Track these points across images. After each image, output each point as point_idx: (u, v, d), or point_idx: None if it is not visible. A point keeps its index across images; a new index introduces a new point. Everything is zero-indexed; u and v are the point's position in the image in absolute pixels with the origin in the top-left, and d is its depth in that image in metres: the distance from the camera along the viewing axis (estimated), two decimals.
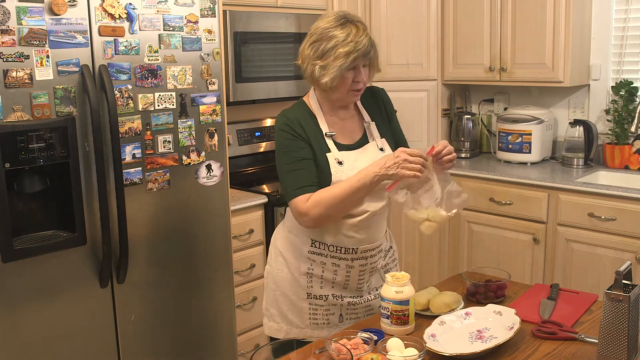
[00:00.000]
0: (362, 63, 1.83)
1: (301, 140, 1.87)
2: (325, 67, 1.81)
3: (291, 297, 1.99)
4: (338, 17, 1.84)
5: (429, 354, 1.53)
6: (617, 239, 2.98)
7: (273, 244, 2.08)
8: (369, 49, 1.82)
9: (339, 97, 1.90)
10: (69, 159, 2.13)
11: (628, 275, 1.48)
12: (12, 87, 1.99)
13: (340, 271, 1.95)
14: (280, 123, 1.91)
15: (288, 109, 1.96)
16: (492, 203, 3.41)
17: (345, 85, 1.84)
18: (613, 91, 3.47)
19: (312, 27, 1.88)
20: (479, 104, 4.13)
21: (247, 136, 3.52)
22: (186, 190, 2.49)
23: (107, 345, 2.34)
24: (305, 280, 1.97)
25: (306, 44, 1.87)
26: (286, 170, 1.87)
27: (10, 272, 2.06)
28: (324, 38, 1.81)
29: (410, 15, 3.78)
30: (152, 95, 2.34)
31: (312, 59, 1.84)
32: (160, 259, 2.45)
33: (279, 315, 2.02)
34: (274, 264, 2.04)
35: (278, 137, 1.91)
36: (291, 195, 1.85)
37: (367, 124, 1.99)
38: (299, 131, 1.87)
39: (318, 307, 1.97)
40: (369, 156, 1.91)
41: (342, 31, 1.80)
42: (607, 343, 1.48)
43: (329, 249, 1.93)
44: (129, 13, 2.24)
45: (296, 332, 1.99)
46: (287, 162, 1.87)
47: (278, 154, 1.91)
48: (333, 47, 1.79)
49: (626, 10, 3.46)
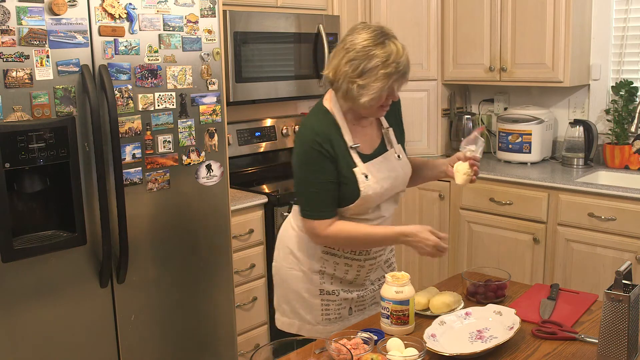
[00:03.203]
0: (398, 83, 1.81)
1: (329, 160, 1.84)
2: (364, 87, 1.78)
3: (303, 295, 2.00)
4: (376, 34, 1.78)
5: (429, 354, 1.53)
6: (617, 239, 2.98)
7: (282, 243, 2.07)
8: (407, 69, 1.81)
9: (369, 112, 1.88)
10: (69, 159, 2.13)
11: (628, 275, 1.48)
12: (12, 87, 1.99)
13: (351, 270, 1.98)
14: (308, 137, 1.85)
15: (312, 120, 1.90)
16: (492, 203, 3.41)
17: (378, 103, 1.83)
18: (613, 91, 3.47)
19: (347, 41, 1.81)
20: (479, 104, 4.13)
21: (247, 136, 3.52)
22: (186, 190, 2.49)
23: (107, 345, 2.34)
24: (318, 278, 1.98)
25: (342, 59, 1.80)
26: (309, 189, 1.86)
27: (10, 272, 2.06)
28: (364, 57, 1.76)
29: (410, 15, 3.78)
30: (152, 95, 2.34)
31: (350, 76, 1.79)
32: (160, 259, 2.45)
33: (291, 311, 2.04)
34: (283, 262, 2.04)
35: (304, 152, 1.85)
36: (310, 215, 1.87)
37: (385, 130, 2.00)
38: (328, 149, 1.83)
39: (330, 302, 1.99)
40: (389, 165, 1.95)
41: (383, 51, 1.76)
42: (607, 343, 1.49)
43: (343, 251, 1.95)
44: (129, 13, 2.24)
45: (308, 328, 2.01)
46: (311, 180, 1.85)
47: (301, 169, 1.87)
48: (374, 67, 1.76)
49: (626, 10, 3.46)
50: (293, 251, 2.01)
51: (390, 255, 2.12)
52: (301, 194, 1.90)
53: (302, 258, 1.99)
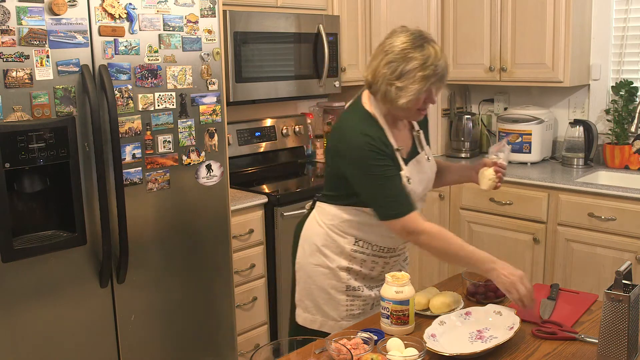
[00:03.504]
0: (436, 86, 1.83)
1: (389, 159, 1.85)
2: (402, 89, 1.80)
3: (329, 291, 2.02)
4: (415, 37, 1.81)
5: (429, 354, 1.53)
6: (617, 239, 2.98)
7: (307, 239, 2.07)
8: (445, 72, 1.83)
9: (406, 115, 1.91)
10: (69, 159, 2.13)
11: (628, 275, 1.49)
12: (12, 87, 1.99)
13: (377, 267, 2.02)
14: (363, 143, 1.82)
15: (360, 123, 1.88)
16: (492, 203, 3.41)
17: (416, 106, 1.85)
18: (613, 91, 3.47)
19: (385, 44, 1.84)
20: (479, 104, 4.13)
21: (247, 136, 3.52)
22: (186, 190, 2.49)
23: (107, 345, 2.34)
24: (345, 274, 2.00)
25: (381, 61, 1.83)
26: (384, 191, 1.83)
27: (10, 272, 2.06)
28: (402, 59, 1.79)
29: (410, 15, 3.78)
30: (152, 95, 2.34)
31: (389, 79, 1.81)
32: (160, 259, 2.45)
33: (314, 307, 2.05)
34: (309, 259, 2.05)
35: (364, 156, 1.82)
36: (397, 214, 1.82)
37: (417, 133, 2.02)
38: (384, 149, 1.84)
39: (355, 298, 2.01)
40: (421, 168, 1.99)
41: (421, 54, 1.78)
42: (607, 343, 1.49)
43: (372, 249, 1.98)
44: (129, 13, 2.24)
45: (331, 324, 2.02)
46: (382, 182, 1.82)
47: (367, 176, 1.84)
48: (412, 69, 1.78)
49: (626, 10, 3.46)
50: (320, 248, 2.02)
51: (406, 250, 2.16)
52: (378, 198, 1.85)
53: (330, 255, 2.00)
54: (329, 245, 2.00)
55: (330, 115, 3.98)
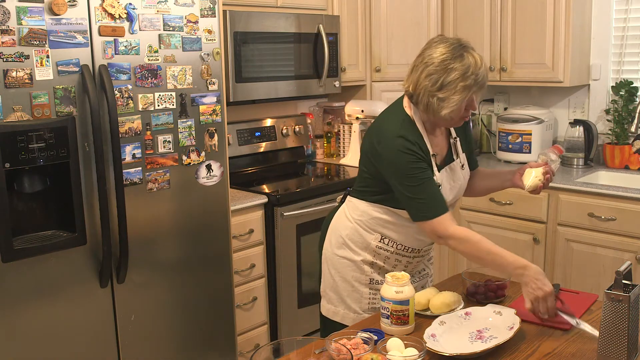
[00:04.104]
0: (477, 94, 1.84)
1: (425, 162, 1.86)
2: (444, 100, 1.80)
3: (353, 283, 2.04)
4: (454, 47, 1.81)
5: (429, 354, 1.53)
6: (617, 239, 2.98)
7: (335, 232, 2.09)
8: (486, 80, 1.83)
9: (449, 123, 1.91)
10: (69, 159, 2.13)
11: (628, 275, 1.49)
12: (12, 87, 1.99)
13: (399, 265, 2.04)
14: (403, 146, 1.84)
15: (401, 129, 1.88)
16: (492, 203, 3.41)
17: (459, 115, 1.86)
18: (613, 91, 3.47)
19: (425, 55, 1.84)
20: (479, 104, 4.13)
21: (247, 136, 3.52)
22: (186, 190, 2.49)
23: (107, 345, 2.34)
24: (368, 268, 2.03)
25: (421, 73, 1.83)
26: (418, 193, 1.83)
27: (10, 272, 2.06)
28: (442, 70, 1.79)
29: (410, 15, 3.78)
30: (152, 95, 2.34)
31: (430, 91, 1.81)
32: (160, 259, 2.45)
33: (337, 299, 2.08)
34: (336, 250, 2.07)
35: (403, 160, 1.83)
36: (433, 215, 1.83)
37: (454, 140, 2.02)
38: (421, 153, 1.85)
39: (377, 291, 2.02)
40: (455, 175, 2.00)
41: (461, 64, 1.79)
42: (607, 343, 1.49)
43: (396, 247, 2.00)
44: (129, 13, 2.24)
45: (353, 317, 2.05)
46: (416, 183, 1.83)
47: (404, 177, 1.84)
48: (453, 80, 1.78)
49: (626, 10, 3.46)
50: (347, 242, 2.05)
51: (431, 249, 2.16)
52: (413, 199, 1.86)
53: (355, 249, 2.03)
54: (355, 240, 2.03)
55: (330, 115, 3.98)
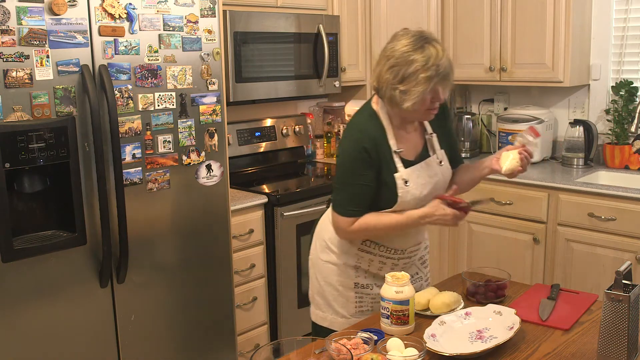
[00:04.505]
0: (441, 85, 1.82)
1: (371, 166, 1.87)
2: (406, 92, 1.80)
3: (338, 287, 2.03)
4: (416, 39, 1.80)
5: (429, 354, 1.53)
6: (617, 239, 2.98)
7: (319, 236, 2.10)
8: (448, 71, 1.82)
9: (415, 117, 1.91)
10: (69, 159, 2.13)
11: (628, 275, 1.49)
12: (12, 87, 1.99)
13: (385, 267, 2.02)
14: (356, 139, 1.88)
15: (363, 122, 1.91)
16: (492, 203, 3.41)
17: (423, 107, 1.85)
18: (613, 91, 3.47)
19: (387, 49, 1.84)
20: (479, 104, 4.13)
21: (247, 136, 3.52)
22: (186, 190, 2.49)
23: (107, 345, 2.34)
24: (353, 272, 2.02)
25: (384, 67, 1.83)
26: (344, 186, 1.91)
27: (10, 272, 2.06)
28: (403, 62, 1.79)
29: (410, 15, 3.78)
30: (152, 95, 2.34)
31: (392, 83, 1.81)
32: (160, 259, 2.45)
33: (325, 304, 2.07)
34: (320, 254, 2.07)
35: (350, 152, 1.88)
36: (339, 210, 1.92)
37: (429, 136, 2.01)
38: (372, 155, 1.86)
39: (364, 295, 2.02)
40: (431, 171, 1.97)
41: (422, 55, 1.77)
42: (607, 343, 1.49)
43: (379, 249, 1.99)
44: (129, 13, 2.24)
45: (341, 321, 2.03)
46: (347, 180, 1.89)
47: (342, 166, 1.90)
48: (414, 72, 1.78)
49: (626, 10, 3.46)
50: (329, 245, 2.04)
51: (424, 253, 2.15)
52: (336, 189, 1.94)
53: (338, 252, 2.02)
54: (337, 243, 2.02)
55: (330, 115, 3.97)
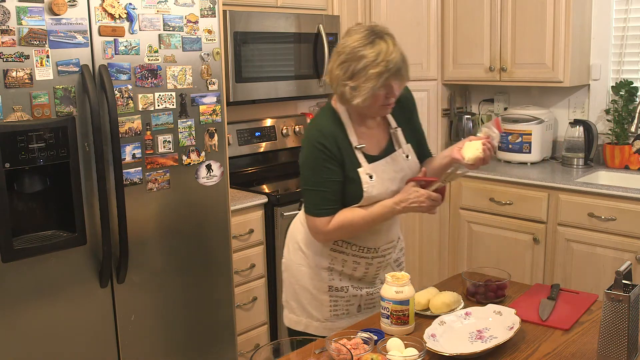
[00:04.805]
0: (393, 80, 1.79)
1: (333, 160, 1.84)
2: (356, 89, 1.77)
3: (312, 291, 2.00)
4: (367, 33, 1.77)
5: (429, 354, 1.53)
6: (617, 239, 2.98)
7: (291, 238, 2.08)
8: (399, 66, 1.77)
9: (371, 112, 1.88)
10: (69, 159, 2.13)
11: (628, 275, 1.49)
12: (12, 87, 1.99)
13: (359, 268, 1.99)
14: (314, 137, 1.85)
15: (320, 120, 1.90)
16: (492, 203, 3.41)
17: (377, 103, 1.82)
18: (613, 91, 3.47)
19: (339, 45, 1.82)
20: (479, 104, 4.13)
21: (247, 136, 3.52)
22: (186, 190, 2.49)
23: (107, 345, 2.34)
24: (326, 274, 1.99)
25: (335, 63, 1.81)
26: (311, 187, 1.88)
27: (10, 272, 2.06)
28: (353, 58, 1.76)
29: (410, 15, 3.78)
30: (152, 95, 2.34)
31: (342, 79, 1.79)
32: (160, 259, 2.45)
33: (299, 308, 2.04)
34: (292, 257, 2.05)
35: (309, 151, 1.86)
36: (312, 212, 1.89)
37: (394, 130, 1.98)
38: (333, 150, 1.84)
39: (339, 298, 2.00)
40: (397, 166, 1.94)
41: (371, 50, 1.74)
42: (607, 343, 1.49)
43: (351, 248, 1.96)
44: (129, 13, 2.24)
45: (316, 325, 2.01)
46: (314, 179, 1.86)
47: (306, 167, 1.88)
48: (363, 68, 1.74)
49: (626, 10, 3.46)
50: (302, 247, 2.02)
51: (400, 255, 2.13)
52: (306, 193, 1.91)
53: (310, 254, 2.00)
54: (309, 245, 2.00)
55: None
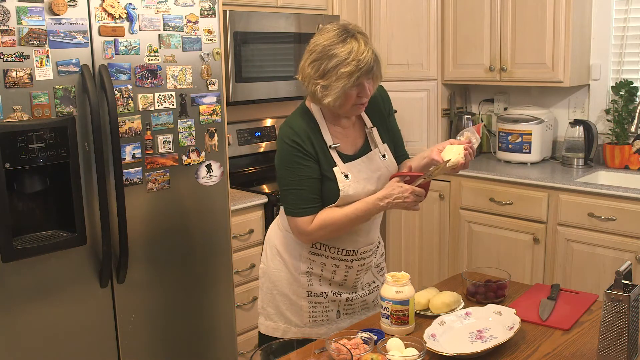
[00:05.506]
0: (365, 79, 1.76)
1: (308, 157, 1.82)
2: (327, 87, 1.74)
3: (290, 297, 1.98)
4: (338, 32, 1.74)
5: (429, 354, 1.53)
6: (617, 239, 2.98)
7: (269, 243, 2.05)
8: (371, 65, 1.74)
9: (343, 112, 1.85)
10: (69, 159, 2.13)
11: (628, 275, 1.49)
12: (12, 87, 1.99)
13: (339, 271, 1.96)
14: (286, 136, 1.83)
15: (293, 119, 1.88)
16: (492, 203, 3.41)
17: (349, 102, 1.79)
18: (613, 91, 3.47)
19: (311, 42, 1.79)
20: (479, 104, 4.13)
21: (247, 136, 3.52)
22: (186, 190, 2.49)
23: (107, 345, 2.34)
24: (305, 279, 1.96)
25: (306, 61, 1.78)
26: (289, 187, 1.84)
27: (10, 272, 2.06)
28: (324, 57, 1.73)
29: (410, 15, 3.78)
30: (152, 95, 2.34)
31: (313, 78, 1.76)
32: (160, 259, 2.45)
33: (277, 314, 2.01)
34: (270, 263, 2.02)
35: (283, 150, 1.84)
36: (292, 213, 1.85)
37: (369, 130, 1.95)
38: (307, 148, 1.82)
39: (318, 304, 1.97)
40: (373, 165, 1.91)
41: (343, 48, 1.71)
42: (607, 343, 1.49)
43: (329, 251, 1.93)
44: (129, 13, 2.24)
45: (294, 330, 1.98)
46: (291, 178, 1.83)
47: (281, 167, 1.85)
48: (334, 66, 1.71)
49: (626, 10, 3.46)
50: (280, 252, 1.99)
51: (381, 260, 2.10)
52: (284, 194, 1.88)
53: (288, 259, 1.97)
54: (287, 249, 1.97)
55: None
